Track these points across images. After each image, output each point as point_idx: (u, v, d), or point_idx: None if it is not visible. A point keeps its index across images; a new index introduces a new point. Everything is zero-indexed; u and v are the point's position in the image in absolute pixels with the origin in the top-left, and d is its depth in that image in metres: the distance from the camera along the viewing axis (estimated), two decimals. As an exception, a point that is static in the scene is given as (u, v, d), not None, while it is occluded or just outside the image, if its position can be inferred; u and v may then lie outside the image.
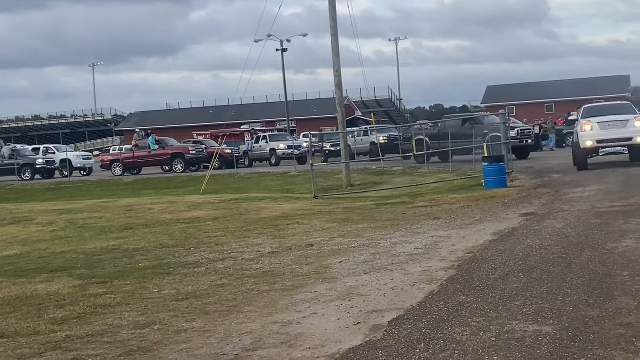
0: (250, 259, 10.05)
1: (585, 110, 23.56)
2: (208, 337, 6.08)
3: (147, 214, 17.70)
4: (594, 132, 21.41)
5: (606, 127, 21.50)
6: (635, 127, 21.39)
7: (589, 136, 21.39)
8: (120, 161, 40.71)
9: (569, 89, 74.41)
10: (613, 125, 21.53)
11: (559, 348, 5.09)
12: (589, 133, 21.44)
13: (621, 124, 21.52)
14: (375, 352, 5.31)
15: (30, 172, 40.44)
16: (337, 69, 25.60)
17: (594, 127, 21.49)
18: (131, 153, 41.37)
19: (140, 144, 41.38)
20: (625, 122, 21.55)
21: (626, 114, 22.10)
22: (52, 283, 8.96)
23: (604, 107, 25.10)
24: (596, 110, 23.56)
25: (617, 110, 22.94)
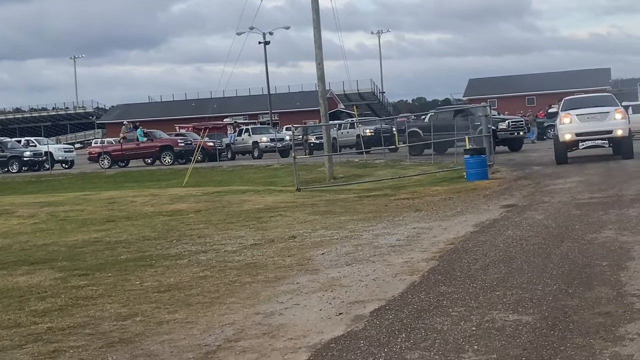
0: (232, 251, 10.05)
1: (566, 103, 22.84)
2: (190, 329, 6.09)
3: (129, 206, 17.63)
4: (573, 124, 20.74)
5: (585, 120, 20.79)
6: (616, 120, 20.66)
7: (567, 129, 20.71)
8: (109, 153, 40.43)
9: (550, 82, 74.80)
10: (592, 118, 20.81)
11: (538, 337, 5.14)
12: (567, 126, 20.77)
13: (601, 117, 20.77)
14: (356, 342, 5.34)
15: (17, 164, 40.05)
16: (320, 61, 25.58)
17: (572, 120, 20.83)
18: (119, 145, 41.04)
19: (128, 136, 41.03)
20: (605, 114, 20.83)
21: (607, 106, 21.37)
22: (34, 275, 8.92)
23: (584, 99, 24.10)
24: (576, 102, 22.78)
25: (598, 102, 22.21)
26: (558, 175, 17.68)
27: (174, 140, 40.66)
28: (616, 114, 20.70)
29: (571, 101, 22.96)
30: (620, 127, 20.55)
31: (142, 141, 39.59)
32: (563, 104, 22.66)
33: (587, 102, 22.46)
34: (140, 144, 39.61)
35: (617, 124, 20.53)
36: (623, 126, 20.61)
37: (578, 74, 77.37)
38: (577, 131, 20.63)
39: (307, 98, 74.80)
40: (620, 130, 20.53)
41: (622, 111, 20.96)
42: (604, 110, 21.02)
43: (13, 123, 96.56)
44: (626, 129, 20.70)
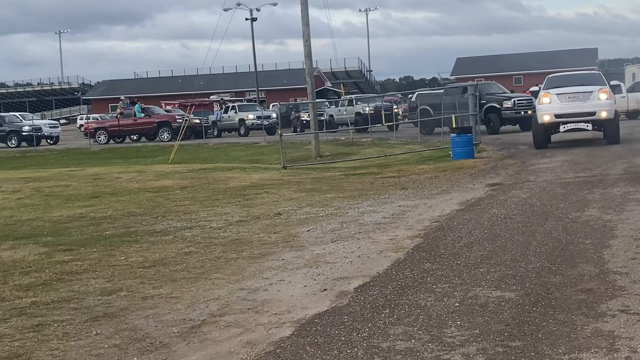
0: (218, 227, 10.04)
1: (549, 81, 20.68)
2: (175, 303, 6.09)
3: (115, 182, 17.56)
4: (552, 105, 18.88)
5: (566, 100, 18.92)
6: (600, 100, 18.74)
7: (546, 110, 18.88)
8: (105, 129, 39.99)
9: (537, 61, 74.92)
10: (574, 98, 18.90)
11: (521, 313, 5.19)
12: (546, 106, 18.95)
13: (583, 97, 18.88)
14: (340, 318, 5.37)
15: (16, 139, 39.54)
16: (307, 39, 25.48)
17: (552, 100, 18.92)
18: (116, 121, 40.51)
19: (125, 112, 40.46)
20: (587, 94, 18.90)
21: (592, 85, 19.40)
22: (18, 250, 8.88)
23: (569, 77, 21.61)
24: (560, 81, 20.59)
25: (584, 81, 20.28)
26: (544, 155, 17.75)
27: (172, 116, 40.15)
28: (600, 94, 18.85)
29: (555, 79, 20.85)
30: (605, 108, 18.67)
31: (140, 117, 39.09)
32: (546, 82, 20.66)
33: (572, 80, 20.50)
34: (138, 119, 39.12)
35: (601, 105, 18.67)
36: (608, 107, 18.73)
37: (565, 53, 77.45)
38: (556, 112, 18.83)
39: (294, 76, 74.59)
40: (605, 111, 18.64)
41: (607, 91, 19.00)
42: (587, 89, 19.14)
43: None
44: (611, 111, 18.82)
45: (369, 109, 36.68)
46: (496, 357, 4.34)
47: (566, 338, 4.61)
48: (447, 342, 4.65)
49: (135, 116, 39.28)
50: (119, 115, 40.72)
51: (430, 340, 4.72)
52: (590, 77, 21.05)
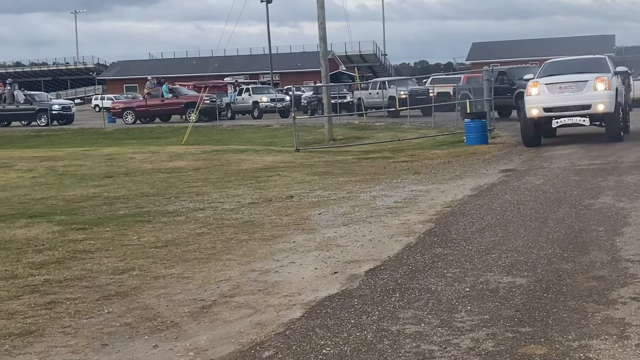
0: (230, 209, 10.07)
1: (545, 67, 18.12)
2: (186, 284, 6.12)
3: (128, 163, 17.64)
4: (541, 97, 16.28)
5: (557, 91, 16.27)
6: (597, 91, 15.94)
7: (534, 102, 16.28)
8: (133, 109, 39.88)
9: (554, 47, 74.21)
10: (566, 88, 16.26)
11: (531, 299, 5.18)
12: (534, 98, 16.33)
13: (577, 87, 16.19)
14: (350, 300, 5.38)
15: (46, 117, 39.38)
16: (322, 21, 25.37)
17: (541, 91, 16.31)
18: (144, 101, 40.28)
19: (153, 92, 40.23)
20: (582, 83, 16.19)
21: (592, 72, 16.56)
22: (32, 228, 8.95)
23: (568, 62, 18.68)
24: (557, 67, 17.93)
25: (585, 67, 17.33)
26: (558, 142, 17.65)
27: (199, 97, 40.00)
28: (597, 84, 15.96)
29: (552, 65, 18.15)
30: (602, 100, 15.84)
31: (167, 97, 38.88)
32: (542, 69, 18.09)
33: (571, 67, 17.73)
34: (165, 100, 38.90)
35: (598, 97, 15.88)
36: (606, 99, 15.86)
37: (582, 39, 76.77)
38: (545, 105, 16.22)
39: (308, 59, 74.36)
40: (602, 104, 15.81)
41: (606, 79, 16.01)
42: (581, 78, 16.38)
43: (13, 77, 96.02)
44: (610, 103, 15.90)
45: (404, 93, 34.89)
46: (506, 342, 4.34)
47: (576, 325, 4.60)
48: (456, 327, 4.65)
49: (163, 96, 39.07)
50: (146, 96, 40.46)
51: (440, 324, 4.73)
52: (592, 63, 17.92)
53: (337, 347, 4.40)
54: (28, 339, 4.80)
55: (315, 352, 4.35)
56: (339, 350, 4.35)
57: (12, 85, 43.02)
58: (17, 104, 39.71)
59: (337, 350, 4.36)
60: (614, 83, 16.45)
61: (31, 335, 4.87)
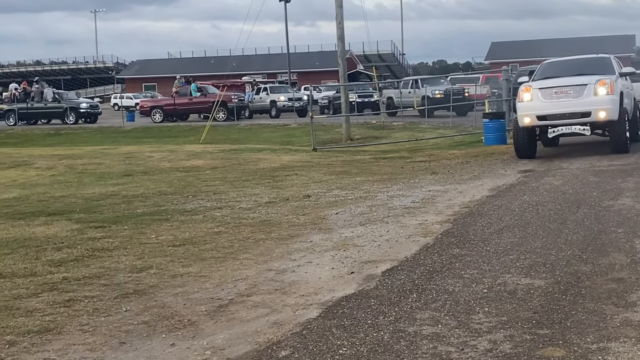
0: (247, 208, 10.09)
1: (541, 69, 16.04)
2: (203, 282, 6.14)
3: (147, 161, 17.73)
4: (534, 103, 14.35)
5: (552, 97, 14.30)
6: (597, 96, 14.05)
7: (526, 110, 14.37)
8: (161, 108, 39.88)
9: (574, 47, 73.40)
10: (562, 93, 14.30)
11: (550, 301, 5.15)
12: (527, 105, 14.42)
13: (574, 91, 14.23)
14: (367, 301, 5.37)
15: (74, 115, 39.48)
16: (340, 20, 25.37)
17: (534, 96, 14.36)
18: (172, 100, 40.29)
19: (181, 90, 40.24)
20: (581, 87, 14.21)
21: (593, 75, 14.55)
22: (51, 226, 9.01)
23: (568, 63, 16.39)
24: (555, 69, 15.87)
25: (587, 68, 15.38)
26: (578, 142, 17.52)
27: (227, 96, 39.93)
28: (598, 88, 14.04)
29: (550, 67, 16.13)
30: (603, 106, 14.00)
31: (196, 96, 38.94)
32: (538, 71, 15.98)
33: (571, 68, 15.71)
34: (193, 98, 38.93)
35: (599, 103, 14.02)
36: (608, 105, 14.01)
37: (602, 39, 76.19)
38: (539, 112, 14.33)
39: (326, 58, 74.33)
40: (603, 111, 13.96)
41: (608, 82, 14.08)
42: (580, 81, 14.36)
43: (33, 75, 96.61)
44: (613, 110, 14.03)
45: (439, 93, 33.72)
46: (523, 344, 4.31)
47: (595, 327, 4.56)
48: (474, 329, 4.63)
49: (191, 95, 39.11)
50: (175, 95, 40.49)
51: (457, 326, 4.71)
52: (594, 64, 15.89)
53: (354, 348, 4.40)
54: (46, 337, 4.83)
55: (331, 352, 4.34)
56: (356, 351, 4.34)
57: (40, 83, 43.15)
58: (45, 102, 39.92)
59: (353, 350, 4.36)
60: (619, 86, 14.47)
61: (49, 333, 4.90)
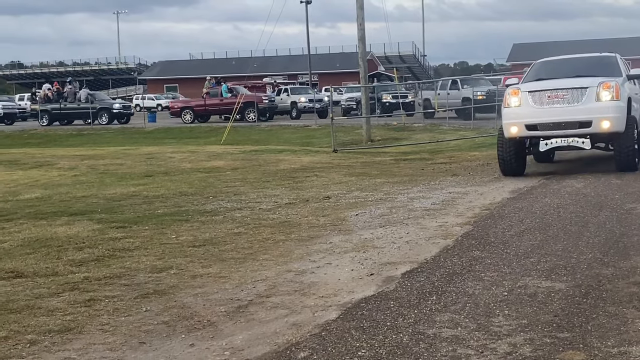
0: (267, 209, 10.11)
1: (534, 69, 13.76)
2: (223, 283, 6.16)
3: (168, 162, 17.83)
4: (523, 109, 12.08)
5: (545, 102, 12.01)
6: (600, 102, 11.78)
7: (514, 117, 12.13)
8: (191, 108, 39.91)
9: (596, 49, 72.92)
10: (557, 98, 11.99)
11: (570, 304, 5.11)
12: (514, 111, 12.15)
13: (572, 96, 11.94)
14: (387, 303, 5.36)
15: (107, 116, 39.70)
16: (361, 22, 25.35)
17: (523, 101, 12.13)
18: (202, 100, 40.33)
19: (211, 91, 40.31)
20: (580, 91, 11.93)
21: (595, 76, 12.31)
22: (72, 226, 9.08)
23: (566, 62, 14.15)
24: (551, 69, 13.60)
25: (587, 69, 13.17)
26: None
27: (258, 97, 39.86)
28: (601, 92, 11.78)
29: (544, 66, 13.79)
30: (607, 114, 11.72)
31: (226, 97, 38.98)
32: (530, 71, 13.73)
33: (569, 68, 13.50)
34: (224, 99, 38.96)
35: (601, 110, 11.74)
36: (612, 113, 11.75)
37: (625, 41, 75.52)
38: (528, 121, 12.03)
39: (347, 59, 74.29)
40: (607, 120, 11.69)
41: (613, 86, 11.83)
42: (579, 84, 12.09)
43: (56, 76, 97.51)
44: (619, 119, 11.81)
45: (482, 94, 31.62)
46: (543, 347, 4.28)
47: (616, 331, 4.52)
48: (493, 331, 4.61)
49: (222, 96, 39.17)
50: (205, 95, 40.55)
51: (477, 328, 4.68)
52: (597, 64, 13.63)
53: (373, 350, 4.39)
54: (67, 336, 4.87)
55: (350, 354, 4.34)
56: (375, 353, 4.33)
57: (73, 84, 43.39)
58: (79, 102, 40.16)
59: (372, 352, 4.35)
60: (626, 91, 12.29)
61: (70, 332, 4.94)
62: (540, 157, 14.10)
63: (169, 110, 42.11)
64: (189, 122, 38.67)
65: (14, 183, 14.55)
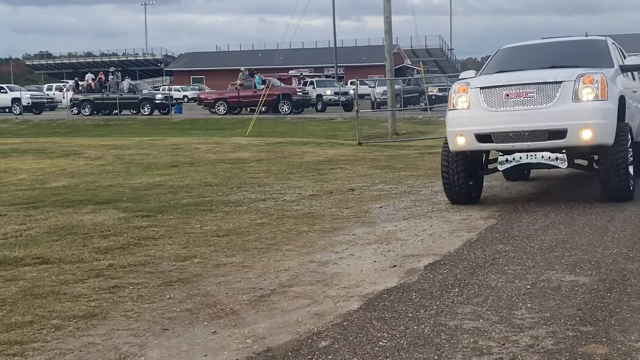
0: (291, 200, 10.14)
1: (496, 57, 10.51)
2: (246, 272, 6.19)
3: (193, 153, 17.93)
4: (472, 113, 8.97)
5: (501, 102, 8.81)
6: (581, 102, 8.52)
7: (460, 124, 9.05)
8: (225, 100, 40.00)
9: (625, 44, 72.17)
10: (519, 97, 8.71)
11: (594, 298, 5.07)
12: (461, 115, 9.11)
13: (540, 94, 8.62)
14: (409, 294, 5.36)
15: (149, 106, 39.81)
16: (388, 14, 25.25)
17: (473, 101, 8.99)
18: (236, 92, 40.23)
19: (245, 83, 40.28)
20: (551, 87, 8.60)
21: (574, 67, 9.04)
22: (98, 214, 9.17)
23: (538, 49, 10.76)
24: (518, 57, 10.39)
25: (567, 58, 9.89)
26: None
27: (292, 89, 39.79)
28: (582, 88, 8.55)
29: (511, 54, 10.57)
30: (589, 121, 8.45)
31: (259, 88, 38.99)
32: (491, 61, 10.46)
33: (542, 56, 10.18)
34: (257, 91, 38.88)
35: (581, 114, 8.48)
36: (597, 119, 8.48)
37: (655, 36, 74.40)
38: (478, 130, 8.87)
39: (373, 52, 74.08)
40: (589, 129, 8.44)
41: (597, 80, 8.54)
42: (550, 77, 8.78)
43: (84, 67, 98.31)
44: (607, 127, 8.55)
45: None
46: (566, 341, 4.26)
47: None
48: (516, 324, 4.59)
49: (256, 88, 39.18)
50: (239, 87, 40.50)
51: (499, 321, 4.67)
52: (581, 51, 10.24)
53: (394, 340, 4.39)
54: (91, 322, 4.92)
55: (371, 343, 4.35)
56: (396, 343, 4.34)
57: (116, 74, 43.61)
58: (121, 92, 40.36)
59: (393, 342, 4.35)
60: (617, 87, 8.93)
61: (94, 318, 4.99)
62: (511, 174, 10.86)
63: (203, 102, 41.83)
64: (223, 113, 38.67)
65: (42, 171, 14.72)
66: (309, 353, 4.24)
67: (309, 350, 4.28)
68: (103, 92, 40.81)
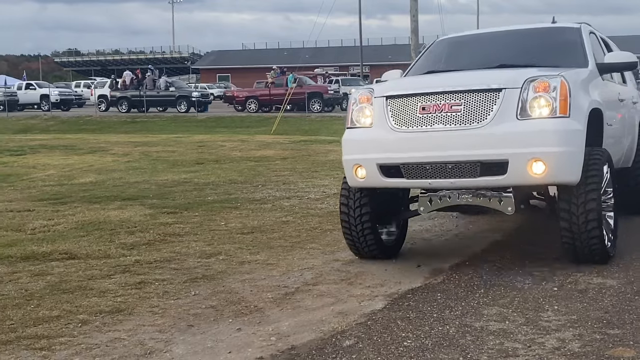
0: (315, 198, 10.14)
1: (430, 53, 7.91)
2: (270, 270, 6.20)
3: (218, 150, 18.00)
4: (374, 133, 6.10)
5: (414, 119, 5.86)
6: (530, 120, 5.57)
7: (359, 149, 6.22)
8: (257, 98, 39.90)
9: (656, 44, 71.33)
10: (438, 112, 5.75)
11: (621, 301, 5.02)
12: (359, 136, 6.28)
13: (469, 107, 5.65)
14: (433, 295, 5.34)
15: (185, 104, 39.90)
16: (414, 13, 25.21)
17: (377, 118, 6.09)
18: (267, 90, 40.10)
19: (277, 81, 40.21)
20: (485, 97, 5.63)
21: (526, 67, 6.29)
22: (125, 210, 9.24)
23: (488, 41, 7.81)
24: (459, 53, 7.68)
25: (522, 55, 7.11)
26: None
27: (323, 87, 39.70)
28: (532, 100, 5.61)
29: (449, 49, 7.90)
30: (542, 148, 5.49)
31: (291, 87, 38.96)
32: (420, 59, 7.89)
33: (490, 52, 7.37)
34: (289, 89, 38.97)
35: (529, 137, 5.52)
36: (553, 145, 5.52)
37: (687, 37, 73.36)
38: (384, 159, 5.99)
39: (399, 51, 73.76)
40: (541, 162, 5.48)
41: (555, 87, 5.59)
42: (485, 82, 5.78)
43: (112, 64, 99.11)
44: (569, 157, 5.57)
45: None
46: (593, 343, 4.22)
47: (669, 330, 4.42)
48: (542, 326, 4.55)
49: (287, 86, 39.15)
50: (270, 85, 40.37)
51: (525, 323, 4.63)
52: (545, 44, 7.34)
53: (419, 340, 4.38)
54: (117, 317, 4.96)
55: (396, 343, 4.34)
56: (420, 344, 4.32)
57: (153, 72, 43.85)
58: (158, 90, 40.56)
59: (418, 343, 4.34)
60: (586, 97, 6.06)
61: (121, 314, 5.03)
62: None
63: (234, 100, 41.87)
64: (254, 111, 38.66)
65: (69, 167, 14.87)
66: (333, 352, 4.24)
67: (333, 349, 4.28)
68: (140, 89, 41.05)
